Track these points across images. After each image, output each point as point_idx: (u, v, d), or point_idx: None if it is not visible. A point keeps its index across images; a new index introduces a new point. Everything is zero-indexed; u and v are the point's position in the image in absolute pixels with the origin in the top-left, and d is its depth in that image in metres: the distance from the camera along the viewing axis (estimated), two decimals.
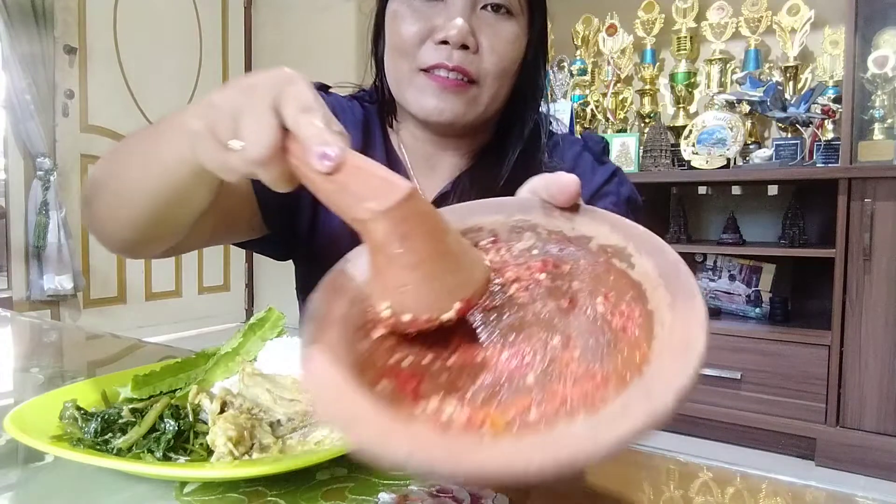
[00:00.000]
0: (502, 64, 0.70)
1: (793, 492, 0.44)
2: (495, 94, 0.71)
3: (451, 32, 0.66)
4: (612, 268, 0.36)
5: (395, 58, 0.71)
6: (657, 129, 2.60)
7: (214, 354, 0.61)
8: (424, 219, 0.35)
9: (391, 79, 0.73)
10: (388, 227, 0.33)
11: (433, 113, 0.69)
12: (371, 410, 0.29)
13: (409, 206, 0.34)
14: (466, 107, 0.69)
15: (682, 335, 0.29)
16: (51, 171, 3.09)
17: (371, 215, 0.33)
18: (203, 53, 3.90)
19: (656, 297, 0.32)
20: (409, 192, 0.34)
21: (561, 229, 0.39)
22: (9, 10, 2.94)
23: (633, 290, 0.34)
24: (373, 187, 0.34)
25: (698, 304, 0.30)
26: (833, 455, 2.08)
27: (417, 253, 0.34)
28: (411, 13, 0.69)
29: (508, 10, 0.70)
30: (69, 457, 0.43)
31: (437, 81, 0.68)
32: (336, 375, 0.31)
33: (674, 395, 0.26)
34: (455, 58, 0.67)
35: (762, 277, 2.43)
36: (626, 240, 0.37)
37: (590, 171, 0.78)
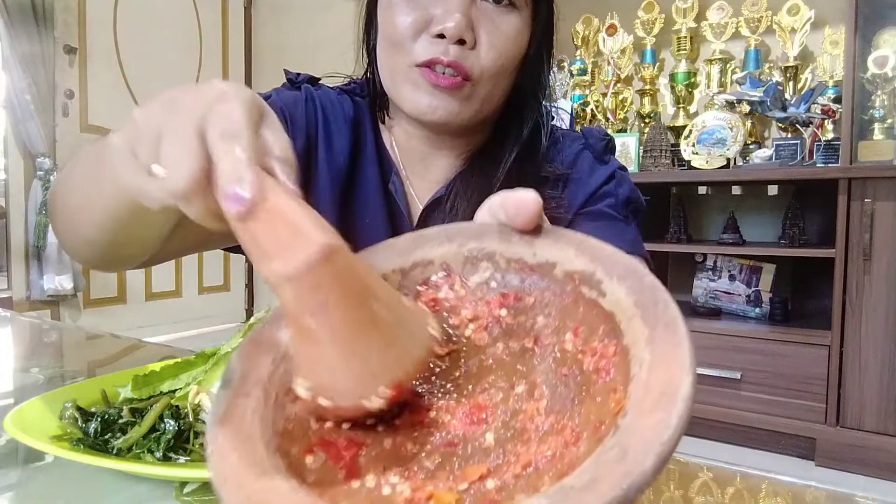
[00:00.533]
0: (501, 61, 0.65)
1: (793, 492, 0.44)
2: (492, 92, 0.67)
3: (447, 25, 0.62)
4: (580, 297, 0.31)
5: (389, 50, 0.67)
6: (657, 129, 2.60)
7: (214, 354, 0.60)
8: (344, 283, 0.28)
9: (384, 72, 0.69)
10: (298, 294, 0.28)
11: (426, 111, 0.65)
12: (285, 498, 0.25)
13: (324, 268, 0.27)
14: (461, 105, 0.65)
15: (663, 377, 0.25)
16: (51, 171, 3.09)
17: (276, 279, 0.27)
18: (203, 53, 3.90)
19: (632, 331, 0.28)
20: (326, 249, 0.27)
21: (521, 256, 0.34)
22: (9, 10, 2.94)
23: (606, 323, 0.29)
24: (283, 240, 0.27)
25: (681, 338, 0.25)
26: (833, 455, 2.08)
27: (332, 327, 0.28)
28: (406, 3, 0.64)
29: (511, 2, 0.65)
30: (69, 457, 0.43)
31: (431, 78, 0.63)
32: (239, 461, 0.27)
33: (654, 457, 0.22)
34: (451, 53, 0.62)
35: (762, 277, 2.43)
36: (595, 263, 0.31)
37: (588, 172, 0.74)
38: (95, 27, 3.35)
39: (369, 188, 0.72)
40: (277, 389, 0.31)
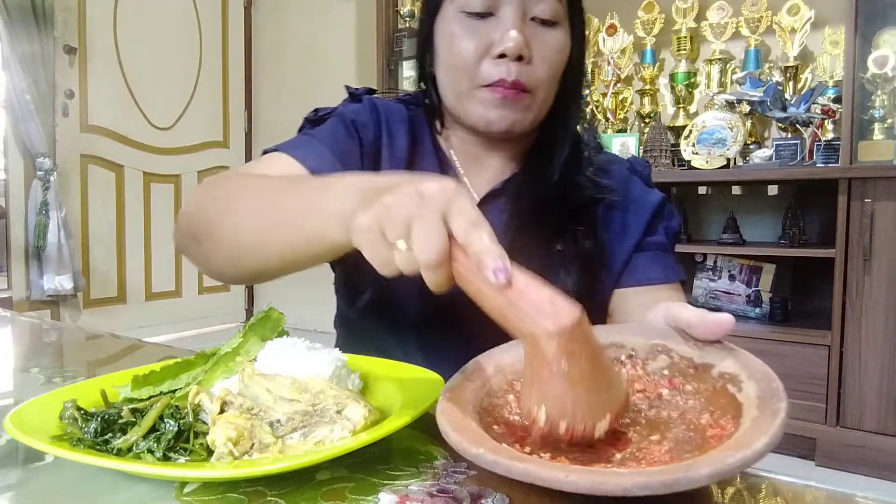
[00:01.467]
0: (553, 71, 0.73)
1: (793, 492, 0.44)
2: (546, 101, 0.75)
3: (508, 45, 0.69)
4: (724, 391, 0.43)
5: (453, 75, 0.74)
6: (657, 129, 2.60)
7: (214, 354, 0.60)
8: (588, 340, 0.41)
9: (449, 94, 0.76)
10: (560, 345, 0.39)
11: (494, 123, 0.73)
12: (469, 426, 0.42)
13: (579, 328, 0.39)
14: (523, 114, 0.73)
15: (749, 436, 0.37)
16: (51, 171, 3.09)
17: (546, 333, 0.39)
18: (203, 53, 3.90)
19: (749, 413, 0.40)
20: (580, 315, 0.40)
21: (692, 356, 0.47)
22: (9, 10, 2.94)
23: (735, 410, 0.41)
24: (544, 307, 0.39)
25: (777, 419, 0.37)
26: (833, 455, 2.08)
27: (581, 370, 0.40)
28: (466, 31, 0.72)
29: (555, 20, 0.73)
30: (69, 457, 0.43)
31: (498, 93, 0.71)
32: (452, 407, 0.43)
33: (708, 471, 0.33)
34: (513, 71, 0.70)
35: (762, 277, 2.43)
36: (742, 369, 0.44)
37: (643, 193, 0.81)
38: (95, 27, 3.36)
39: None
40: (491, 386, 0.47)
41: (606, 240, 0.77)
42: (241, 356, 0.60)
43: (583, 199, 0.77)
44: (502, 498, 0.40)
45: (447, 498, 0.41)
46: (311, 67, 3.82)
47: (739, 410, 0.41)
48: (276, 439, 0.46)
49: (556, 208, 0.76)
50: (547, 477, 0.35)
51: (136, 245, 3.63)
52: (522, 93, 0.72)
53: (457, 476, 0.44)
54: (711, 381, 0.45)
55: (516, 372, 0.49)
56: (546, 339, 0.39)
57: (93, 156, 3.39)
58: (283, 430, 0.47)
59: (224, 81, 4.03)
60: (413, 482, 0.43)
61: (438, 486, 0.42)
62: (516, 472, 0.36)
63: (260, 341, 0.61)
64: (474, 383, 0.47)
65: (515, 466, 0.36)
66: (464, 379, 0.47)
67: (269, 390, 0.50)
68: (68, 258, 3.13)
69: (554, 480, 0.35)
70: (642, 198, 0.80)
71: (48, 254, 3.09)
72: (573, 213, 0.76)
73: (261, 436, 0.46)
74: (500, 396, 0.47)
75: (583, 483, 0.34)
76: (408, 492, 0.42)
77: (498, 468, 0.37)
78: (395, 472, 0.45)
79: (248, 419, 0.47)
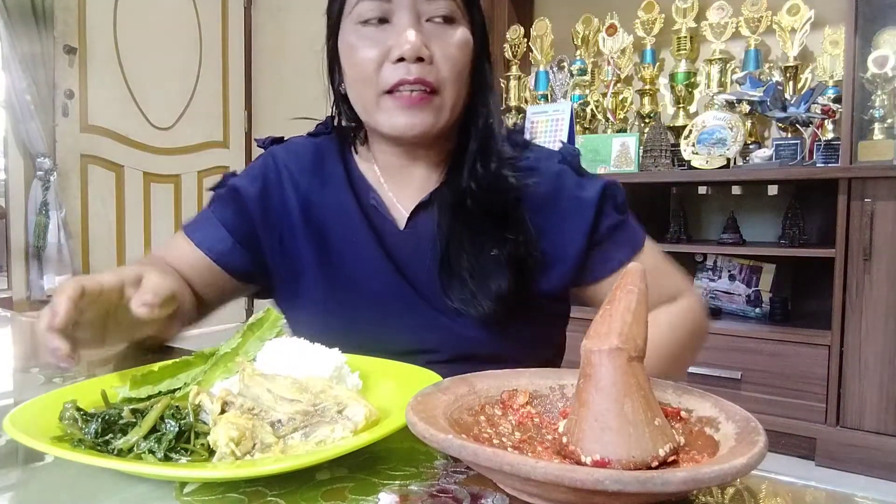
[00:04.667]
0: (457, 69, 0.73)
1: (793, 492, 0.44)
2: (456, 100, 0.75)
3: (405, 48, 0.70)
4: (702, 433, 0.45)
5: (358, 86, 0.75)
6: (657, 129, 2.60)
7: (213, 354, 0.60)
8: (638, 369, 0.43)
9: (359, 107, 0.77)
10: (611, 364, 0.41)
11: (405, 130, 0.73)
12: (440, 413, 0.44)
13: (622, 354, 0.42)
14: (434, 117, 0.73)
15: (724, 459, 0.37)
16: (51, 171, 3.09)
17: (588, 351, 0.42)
18: (203, 53, 3.89)
19: (726, 445, 0.41)
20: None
21: (669, 402, 0.48)
22: (9, 10, 2.94)
23: (712, 448, 0.42)
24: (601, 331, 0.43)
25: (755, 448, 0.37)
26: (833, 455, 2.08)
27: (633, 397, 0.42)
28: (363, 40, 0.72)
29: (452, 18, 0.73)
30: (69, 457, 0.43)
31: (403, 100, 0.71)
32: (423, 408, 0.44)
33: (683, 476, 0.34)
34: (414, 71, 0.70)
35: (762, 277, 2.43)
36: (720, 412, 0.45)
37: (577, 189, 0.79)
38: (95, 27, 3.35)
39: (345, 208, 0.81)
40: (463, 403, 0.48)
41: (544, 241, 0.77)
42: (240, 356, 0.60)
43: (504, 201, 0.77)
44: (502, 498, 0.40)
45: (447, 498, 0.41)
46: (310, 67, 3.80)
47: (716, 448, 0.42)
48: (277, 439, 0.46)
49: (481, 214, 0.76)
50: (515, 462, 0.35)
51: (136, 245, 3.62)
52: (428, 94, 0.72)
53: (457, 476, 0.44)
54: (689, 425, 0.46)
55: (490, 397, 0.50)
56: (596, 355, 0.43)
57: (93, 156, 3.39)
58: (284, 431, 0.47)
59: (224, 81, 4.03)
60: (413, 482, 0.43)
61: (438, 486, 0.42)
62: (483, 458, 0.36)
63: (258, 342, 0.61)
64: (447, 396, 0.47)
65: (482, 451, 0.36)
66: (437, 390, 0.48)
67: (270, 390, 0.50)
68: (68, 258, 3.13)
69: (523, 466, 0.34)
70: (578, 197, 0.79)
71: (48, 254, 3.09)
72: (500, 216, 0.76)
73: (262, 436, 0.46)
74: (472, 415, 0.47)
75: (552, 470, 0.34)
76: (408, 492, 0.42)
77: (465, 453, 0.37)
78: (395, 472, 0.45)
79: (250, 419, 0.47)
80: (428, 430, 0.39)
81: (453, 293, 0.75)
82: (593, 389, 0.42)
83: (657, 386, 0.50)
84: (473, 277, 0.74)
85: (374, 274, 0.79)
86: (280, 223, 0.82)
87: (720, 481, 0.34)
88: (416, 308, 0.77)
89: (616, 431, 0.40)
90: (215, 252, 0.82)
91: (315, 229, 0.81)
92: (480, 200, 0.77)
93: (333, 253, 0.81)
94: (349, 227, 0.80)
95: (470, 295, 0.74)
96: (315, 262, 0.81)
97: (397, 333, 0.77)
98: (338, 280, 0.80)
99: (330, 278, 0.80)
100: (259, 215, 0.82)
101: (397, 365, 0.62)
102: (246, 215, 0.83)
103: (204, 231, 0.84)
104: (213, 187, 0.88)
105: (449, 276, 0.75)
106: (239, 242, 0.83)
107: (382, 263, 0.78)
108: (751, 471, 0.36)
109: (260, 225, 0.82)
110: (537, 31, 3.01)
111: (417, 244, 0.79)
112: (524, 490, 0.39)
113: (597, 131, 2.86)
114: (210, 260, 0.82)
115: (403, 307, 0.78)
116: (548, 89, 2.98)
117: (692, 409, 0.47)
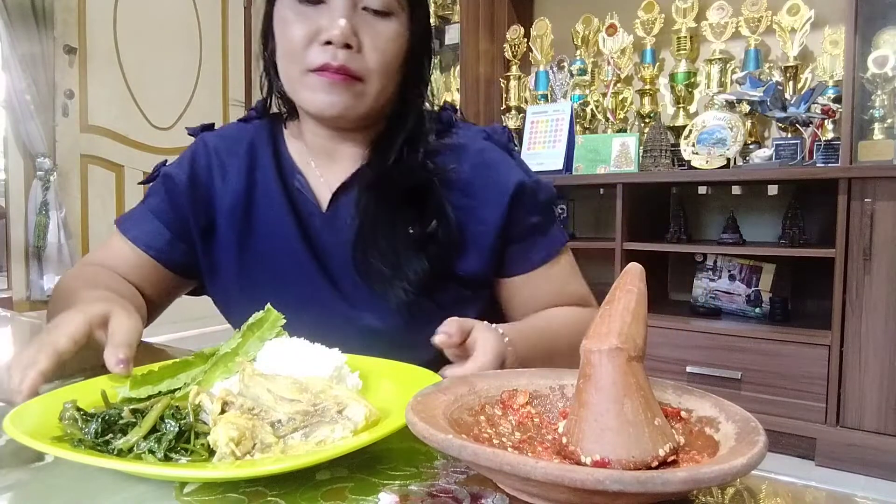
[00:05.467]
0: (384, 60, 0.74)
1: (793, 492, 0.44)
2: (382, 89, 0.76)
3: (333, 33, 0.70)
4: (702, 433, 0.45)
5: (286, 61, 0.76)
6: (657, 129, 2.60)
7: (213, 354, 0.60)
8: (638, 369, 0.43)
9: (285, 81, 0.78)
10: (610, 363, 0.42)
11: (325, 107, 0.74)
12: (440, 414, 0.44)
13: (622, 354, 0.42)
14: (355, 100, 0.74)
15: (724, 459, 0.37)
16: (51, 171, 3.09)
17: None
18: (203, 53, 3.89)
19: (727, 445, 0.41)
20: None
21: (669, 402, 0.48)
22: (9, 10, 2.94)
23: (712, 448, 0.42)
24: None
25: (755, 448, 0.37)
26: (833, 455, 2.08)
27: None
28: (297, 17, 0.73)
29: (388, 11, 0.74)
30: (69, 457, 0.43)
31: (325, 77, 0.72)
32: (423, 407, 0.44)
33: (683, 476, 0.34)
34: (340, 57, 0.71)
35: (762, 277, 2.43)
36: (720, 412, 0.45)
37: (497, 174, 0.80)
38: (95, 27, 3.35)
39: (270, 192, 0.82)
40: (464, 403, 0.48)
41: (462, 223, 0.78)
42: (240, 356, 0.60)
43: (423, 183, 0.78)
44: (502, 498, 0.40)
45: (447, 498, 0.41)
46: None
47: (716, 448, 0.42)
48: (277, 439, 0.46)
49: (399, 194, 0.77)
50: (515, 462, 0.35)
51: None
52: (351, 79, 0.72)
53: (457, 476, 0.44)
54: (689, 425, 0.46)
55: (490, 396, 0.50)
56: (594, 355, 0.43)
57: (93, 156, 3.39)
58: (284, 431, 0.47)
59: (224, 81, 4.03)
60: (413, 482, 0.43)
61: (438, 486, 0.42)
62: (483, 458, 0.36)
63: (259, 341, 0.61)
64: (447, 396, 0.47)
65: (482, 451, 0.36)
66: (437, 390, 0.48)
67: (270, 390, 0.50)
68: (68, 258, 3.13)
69: (523, 466, 0.34)
70: (497, 183, 0.79)
71: (48, 254, 3.09)
72: (418, 198, 0.77)
73: (262, 436, 0.46)
74: (472, 415, 0.48)
75: (552, 470, 0.34)
76: (408, 492, 0.42)
77: (465, 453, 0.37)
78: (395, 472, 0.45)
79: (250, 419, 0.47)
80: (428, 430, 0.39)
81: (368, 275, 0.75)
82: (593, 389, 0.42)
83: (657, 386, 0.50)
84: (387, 257, 0.75)
85: (291, 257, 0.79)
86: (207, 209, 0.83)
87: (720, 481, 0.34)
88: (327, 297, 0.78)
89: (616, 431, 0.40)
90: (154, 248, 0.82)
91: (241, 215, 0.82)
92: (398, 182, 0.78)
93: (256, 238, 0.81)
94: (273, 211, 0.81)
95: (385, 276, 0.74)
96: (236, 247, 0.81)
97: (306, 323, 0.69)
98: (256, 265, 0.81)
99: (249, 264, 0.81)
100: (189, 204, 0.82)
101: (397, 365, 0.62)
102: (177, 204, 0.83)
103: (140, 227, 0.83)
104: (146, 180, 0.88)
105: (363, 255, 0.76)
106: (174, 235, 0.83)
107: (300, 246, 0.79)
108: (751, 471, 0.36)
109: (191, 214, 0.82)
110: (537, 31, 3.01)
111: (339, 227, 0.79)
112: (524, 490, 0.39)
113: (597, 131, 2.86)
114: (150, 257, 0.82)
115: (315, 294, 0.78)
116: (548, 89, 2.98)
117: (692, 409, 0.47)
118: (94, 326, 0.61)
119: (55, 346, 0.56)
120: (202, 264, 0.85)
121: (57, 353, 0.56)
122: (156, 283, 0.84)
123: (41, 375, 0.54)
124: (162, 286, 0.85)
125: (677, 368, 2.32)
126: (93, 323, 0.61)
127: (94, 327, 0.61)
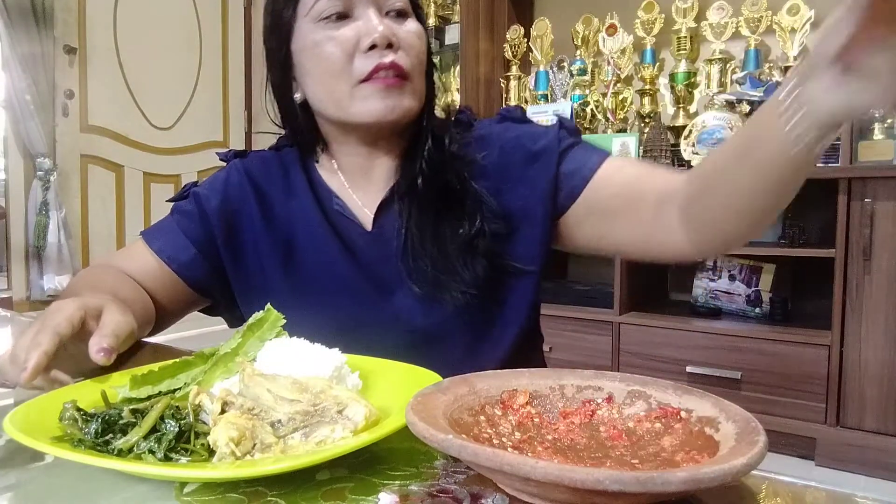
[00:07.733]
0: (419, 57, 0.76)
1: (793, 492, 0.44)
2: (422, 89, 0.77)
3: (375, 36, 0.71)
4: (702, 433, 0.45)
5: (329, 82, 0.74)
6: (657, 129, 2.60)
7: (213, 355, 0.60)
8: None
9: (330, 105, 0.76)
10: None
11: (385, 112, 0.73)
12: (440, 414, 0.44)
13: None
14: (410, 100, 0.74)
15: (724, 459, 0.37)
16: (51, 171, 3.09)
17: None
18: (203, 53, 3.89)
19: (727, 445, 0.41)
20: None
21: (669, 402, 0.49)
22: (9, 10, 2.94)
23: (712, 448, 0.42)
24: None
25: (755, 447, 0.37)
26: (833, 455, 2.08)
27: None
28: (328, 37, 0.73)
29: (405, 12, 0.76)
30: (69, 457, 0.43)
31: (380, 83, 0.72)
32: (423, 406, 0.44)
33: (683, 476, 0.34)
34: (389, 56, 0.72)
35: (762, 277, 2.43)
36: (720, 412, 0.45)
37: (526, 140, 0.79)
38: (95, 27, 3.35)
39: (309, 218, 0.82)
40: (464, 403, 0.48)
41: (504, 205, 0.77)
42: (240, 356, 0.60)
43: (451, 178, 0.77)
44: (502, 498, 0.40)
45: (447, 498, 0.41)
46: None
47: (716, 448, 0.42)
48: (277, 439, 0.46)
49: (438, 197, 0.77)
50: (515, 462, 0.35)
51: None
52: (402, 80, 0.73)
53: (457, 476, 0.44)
54: (689, 425, 0.46)
55: (490, 396, 0.50)
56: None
57: (93, 156, 3.39)
58: (284, 431, 0.47)
59: (224, 81, 4.03)
60: (413, 482, 0.43)
61: (438, 486, 0.42)
62: (483, 458, 0.36)
63: (259, 341, 0.61)
64: (447, 396, 0.48)
65: (482, 451, 0.36)
66: (437, 390, 0.48)
67: (270, 390, 0.50)
68: (68, 258, 3.13)
69: (523, 466, 0.35)
70: (528, 151, 0.78)
71: (48, 254, 3.09)
72: (455, 197, 0.77)
73: (262, 436, 0.46)
74: (472, 415, 0.48)
75: (552, 470, 0.34)
76: (408, 492, 0.42)
77: (465, 453, 0.37)
78: (395, 472, 0.45)
79: (250, 419, 0.47)
80: (428, 430, 0.39)
81: (424, 283, 0.74)
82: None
83: (657, 386, 0.50)
84: (439, 262, 0.74)
85: (340, 280, 0.79)
86: (242, 236, 0.83)
87: (720, 481, 0.34)
88: (381, 312, 0.77)
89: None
90: (177, 262, 0.82)
91: (280, 240, 0.81)
92: (432, 181, 0.77)
93: (299, 263, 0.81)
94: (315, 235, 0.81)
95: (440, 281, 0.73)
96: (281, 273, 0.81)
97: (363, 341, 0.70)
98: (304, 290, 0.80)
99: (296, 289, 0.80)
100: (220, 228, 0.82)
101: (397, 365, 0.62)
102: (207, 227, 0.83)
103: (165, 240, 0.84)
104: (175, 198, 0.88)
105: (415, 263, 0.75)
106: (201, 253, 0.83)
107: (347, 266, 0.79)
108: (751, 471, 0.36)
109: (220, 237, 0.82)
110: (537, 31, 3.01)
111: (386, 243, 0.79)
112: (524, 490, 0.39)
113: (597, 131, 2.86)
114: (171, 270, 0.83)
115: (369, 311, 0.78)
116: (548, 89, 2.98)
117: (692, 409, 0.47)
118: (88, 315, 0.62)
119: (55, 328, 0.58)
120: (235, 287, 0.84)
121: (57, 335, 0.58)
122: (171, 295, 0.84)
123: (45, 355, 0.56)
124: (177, 299, 0.85)
125: (677, 368, 2.32)
126: (87, 311, 0.62)
127: (88, 316, 0.62)
